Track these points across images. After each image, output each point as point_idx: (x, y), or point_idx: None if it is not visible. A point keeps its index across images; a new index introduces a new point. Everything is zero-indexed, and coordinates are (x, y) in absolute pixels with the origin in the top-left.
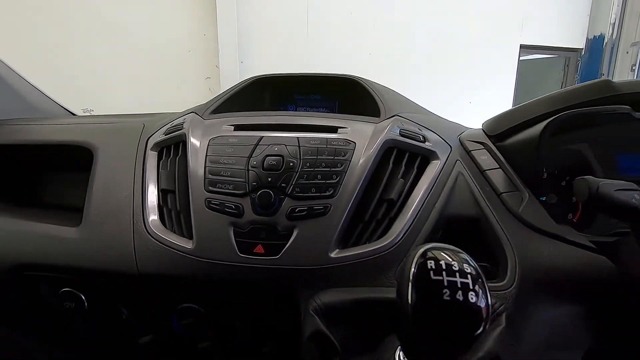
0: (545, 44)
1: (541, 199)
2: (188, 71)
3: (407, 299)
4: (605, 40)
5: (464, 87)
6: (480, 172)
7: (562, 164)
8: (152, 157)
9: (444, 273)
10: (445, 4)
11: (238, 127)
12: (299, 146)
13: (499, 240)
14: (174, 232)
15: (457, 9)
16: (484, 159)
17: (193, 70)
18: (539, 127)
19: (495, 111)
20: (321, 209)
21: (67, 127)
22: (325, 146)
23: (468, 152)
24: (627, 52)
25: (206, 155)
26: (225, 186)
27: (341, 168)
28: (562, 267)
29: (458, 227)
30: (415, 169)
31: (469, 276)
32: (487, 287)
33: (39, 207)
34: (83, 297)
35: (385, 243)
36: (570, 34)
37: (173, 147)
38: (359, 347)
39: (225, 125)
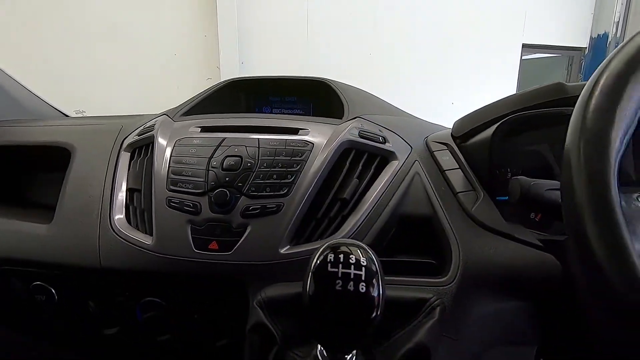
0: (548, 43)
1: (502, 198)
2: (189, 72)
3: (307, 289)
4: (609, 39)
5: (464, 87)
6: (441, 172)
7: (524, 164)
8: (124, 157)
9: (340, 266)
10: (446, 3)
11: (204, 129)
12: (259, 147)
13: (447, 238)
14: (138, 229)
15: (459, 8)
16: (446, 159)
17: (194, 71)
18: (492, 129)
19: None
20: (274, 207)
21: (49, 129)
22: (283, 147)
23: (431, 152)
24: None
25: (171, 156)
26: (185, 185)
27: (297, 168)
28: (508, 265)
29: (412, 225)
30: (373, 169)
31: (363, 269)
32: (381, 280)
33: (22, 206)
34: (53, 291)
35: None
36: (574, 33)
37: (144, 148)
38: (301, 338)
39: (192, 127)
